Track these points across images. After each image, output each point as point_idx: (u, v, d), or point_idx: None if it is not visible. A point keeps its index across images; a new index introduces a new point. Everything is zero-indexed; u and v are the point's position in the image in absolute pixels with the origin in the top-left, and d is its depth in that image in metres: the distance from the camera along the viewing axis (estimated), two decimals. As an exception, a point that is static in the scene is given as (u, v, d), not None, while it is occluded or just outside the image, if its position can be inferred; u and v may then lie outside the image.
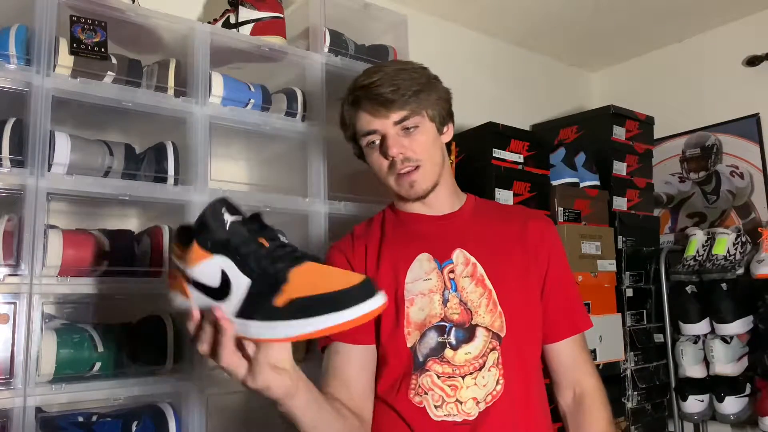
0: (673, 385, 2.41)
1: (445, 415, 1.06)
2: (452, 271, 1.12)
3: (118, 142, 1.50)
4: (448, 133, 1.21)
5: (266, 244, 0.76)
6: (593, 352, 2.08)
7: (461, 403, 1.06)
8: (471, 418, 1.05)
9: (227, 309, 0.75)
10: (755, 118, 2.61)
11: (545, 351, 1.19)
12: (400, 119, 1.10)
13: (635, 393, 2.32)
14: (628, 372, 2.31)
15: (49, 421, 1.25)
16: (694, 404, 2.34)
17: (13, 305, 1.23)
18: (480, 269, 1.13)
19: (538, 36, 2.79)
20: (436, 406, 1.06)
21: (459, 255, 1.14)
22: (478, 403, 1.06)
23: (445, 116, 1.18)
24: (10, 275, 1.22)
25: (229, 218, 0.74)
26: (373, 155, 1.15)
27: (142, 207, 1.61)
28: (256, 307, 0.74)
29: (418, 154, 1.11)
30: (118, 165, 1.45)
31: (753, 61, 2.59)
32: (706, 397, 2.34)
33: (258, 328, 0.74)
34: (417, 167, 1.12)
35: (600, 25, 2.68)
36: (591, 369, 1.21)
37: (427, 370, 1.07)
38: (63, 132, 1.38)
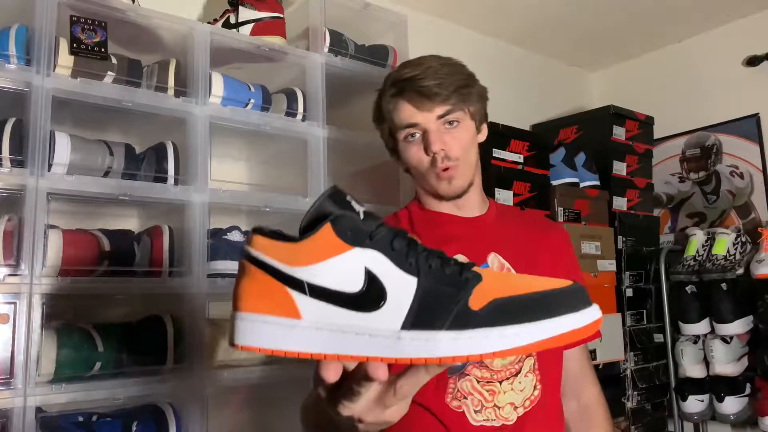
0: (673, 385, 2.41)
1: (484, 420, 1.04)
2: None
3: (118, 142, 1.50)
4: (483, 133, 1.18)
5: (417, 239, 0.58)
6: (593, 352, 2.08)
7: (499, 408, 1.05)
8: (510, 423, 1.04)
9: (380, 322, 0.53)
10: (755, 118, 2.61)
11: None
12: (444, 113, 1.08)
13: (635, 393, 2.32)
14: (628, 372, 2.31)
15: (49, 421, 1.25)
16: (694, 404, 2.34)
17: (13, 305, 1.23)
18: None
19: (538, 36, 2.79)
20: (475, 411, 1.04)
21: (494, 259, 1.12)
22: (516, 408, 1.05)
23: (483, 115, 1.16)
24: (10, 275, 1.22)
25: (359, 207, 0.56)
26: (412, 149, 1.12)
27: (142, 207, 1.61)
28: (440, 313, 0.53)
29: (457, 152, 1.10)
30: (118, 165, 1.45)
31: (753, 61, 2.59)
32: (706, 397, 2.34)
33: (453, 342, 0.52)
34: (456, 165, 1.10)
35: (600, 25, 2.68)
36: (594, 379, 1.23)
37: (467, 374, 1.05)
38: (63, 132, 1.38)
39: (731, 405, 2.26)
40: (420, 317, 0.53)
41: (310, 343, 0.53)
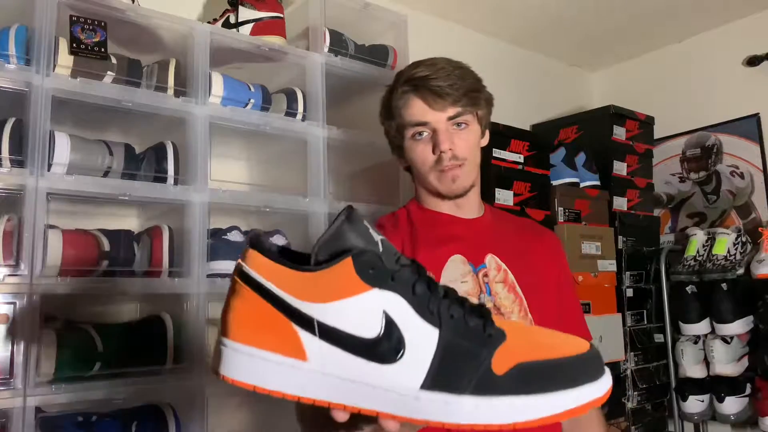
0: (673, 385, 2.41)
1: None
2: (486, 275, 1.13)
3: (118, 142, 1.50)
4: (486, 138, 1.21)
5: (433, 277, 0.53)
6: (593, 352, 2.08)
7: None
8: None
9: (396, 377, 0.48)
10: (755, 118, 2.61)
11: None
12: (455, 115, 1.11)
13: (635, 393, 2.31)
14: (629, 372, 2.31)
15: (49, 422, 1.25)
16: (694, 404, 2.33)
17: (13, 305, 1.23)
18: (511, 276, 1.14)
19: (538, 36, 2.79)
20: None
21: (491, 260, 1.14)
22: None
23: (488, 120, 1.20)
24: (10, 275, 1.22)
25: (377, 236, 0.51)
26: (418, 147, 1.14)
27: (142, 207, 1.61)
28: (463, 374, 0.49)
29: (464, 153, 1.12)
30: (118, 165, 1.45)
31: (753, 61, 2.59)
32: (706, 397, 2.34)
33: (475, 409, 0.48)
34: (460, 165, 1.13)
35: (600, 26, 2.68)
36: None
37: None
38: (63, 132, 1.38)
39: (731, 405, 2.26)
40: (440, 377, 0.49)
41: (314, 389, 0.49)
